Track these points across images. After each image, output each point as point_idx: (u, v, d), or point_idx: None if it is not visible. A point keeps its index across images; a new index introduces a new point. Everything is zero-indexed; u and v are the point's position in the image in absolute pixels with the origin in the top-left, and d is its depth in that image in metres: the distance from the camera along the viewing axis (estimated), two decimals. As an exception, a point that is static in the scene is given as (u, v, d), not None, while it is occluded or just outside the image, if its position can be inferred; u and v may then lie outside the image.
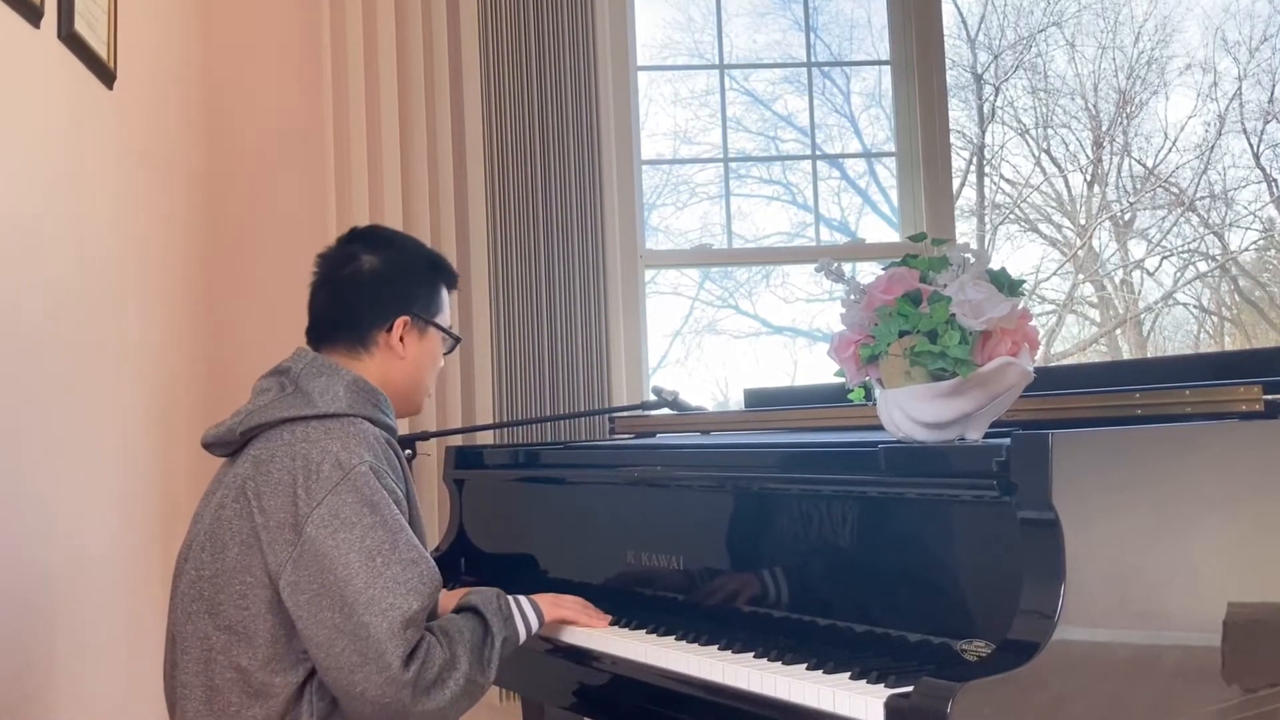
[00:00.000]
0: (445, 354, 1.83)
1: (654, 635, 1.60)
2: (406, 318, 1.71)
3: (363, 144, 2.91)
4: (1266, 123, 6.35)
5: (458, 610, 1.60)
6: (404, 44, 2.97)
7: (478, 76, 2.99)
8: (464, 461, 2.27)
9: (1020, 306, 1.38)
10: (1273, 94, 6.33)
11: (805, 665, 1.35)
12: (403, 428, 2.79)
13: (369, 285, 1.71)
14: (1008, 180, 6.65)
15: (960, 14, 6.43)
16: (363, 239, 1.76)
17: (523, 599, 1.65)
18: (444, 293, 1.81)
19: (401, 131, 2.94)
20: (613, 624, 1.70)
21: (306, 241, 2.19)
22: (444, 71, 2.97)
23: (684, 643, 1.54)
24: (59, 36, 2.03)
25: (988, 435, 1.39)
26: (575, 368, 2.98)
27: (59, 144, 2.05)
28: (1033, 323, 1.42)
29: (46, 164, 1.99)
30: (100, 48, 2.20)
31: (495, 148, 3.00)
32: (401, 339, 1.71)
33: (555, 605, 1.69)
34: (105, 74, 2.26)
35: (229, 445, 1.62)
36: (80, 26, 2.08)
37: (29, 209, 1.91)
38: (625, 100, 3.17)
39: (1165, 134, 6.45)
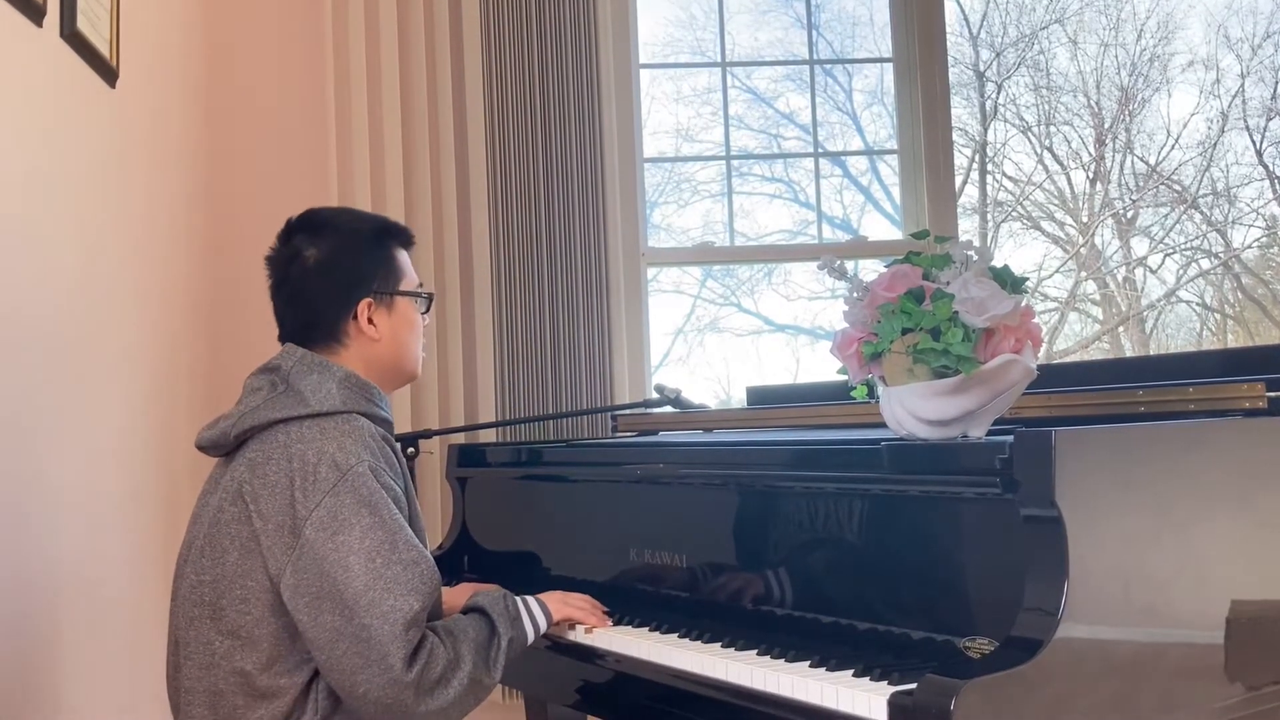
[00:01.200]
0: (424, 313, 1.74)
1: (657, 633, 1.60)
2: (368, 299, 1.65)
3: (365, 141, 2.91)
4: (1269, 120, 6.34)
5: (464, 611, 1.59)
6: (406, 42, 2.97)
7: (480, 74, 2.99)
8: (466, 460, 2.27)
9: (1023, 304, 1.38)
10: (1275, 91, 6.32)
11: (808, 663, 1.35)
12: (404, 426, 2.80)
13: (320, 278, 1.64)
14: (1010, 178, 6.64)
15: (962, 11, 6.42)
16: (302, 229, 1.67)
17: (530, 599, 1.63)
18: (400, 256, 1.71)
19: (404, 129, 2.94)
20: (615, 622, 1.70)
21: (309, 240, 2.19)
22: (446, 70, 2.97)
23: (687, 640, 1.54)
24: (61, 35, 2.03)
25: (991, 433, 1.39)
26: (577, 366, 2.98)
27: (61, 142, 2.06)
28: (1035, 320, 1.42)
29: (49, 162, 1.99)
30: (102, 46, 2.21)
31: (497, 146, 3.00)
32: (371, 320, 1.65)
33: (564, 604, 1.67)
34: (107, 72, 2.26)
35: (223, 447, 1.61)
36: (82, 25, 2.08)
37: (31, 207, 1.91)
38: (627, 98, 3.16)
39: (1168, 131, 6.45)
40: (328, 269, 1.65)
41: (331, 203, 2.87)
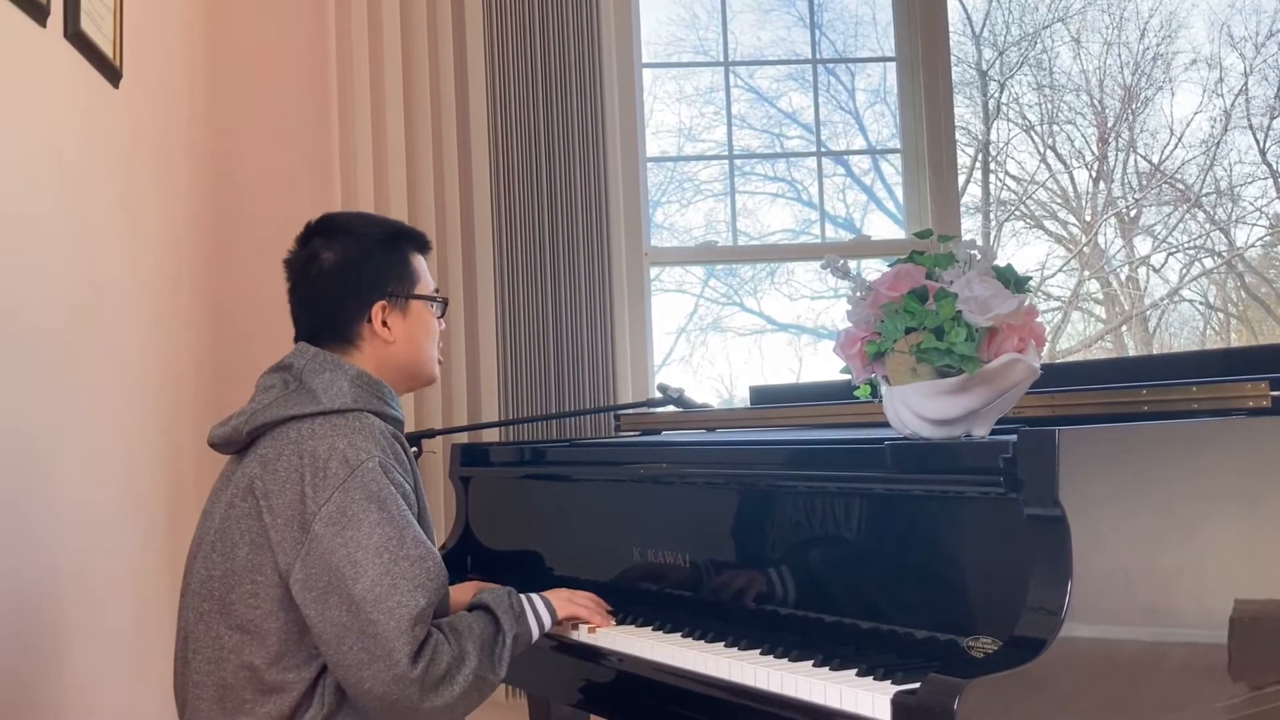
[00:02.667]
0: (440, 316, 1.76)
1: (660, 632, 1.60)
2: (382, 302, 1.67)
3: (368, 141, 2.91)
4: (1273, 118, 6.33)
5: (469, 609, 1.60)
6: (409, 42, 2.97)
7: (483, 74, 2.99)
8: (470, 459, 2.27)
9: (1026, 303, 1.38)
10: (1279, 89, 6.31)
11: (812, 662, 1.35)
12: (408, 425, 2.79)
13: (335, 281, 1.67)
14: (1013, 177, 6.63)
15: (965, 10, 6.42)
16: (319, 233, 1.70)
17: (535, 597, 1.64)
18: (416, 260, 1.74)
19: (407, 129, 2.94)
20: (619, 621, 1.70)
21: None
22: (449, 70, 2.97)
23: (690, 639, 1.54)
24: (65, 35, 2.03)
25: (994, 432, 1.39)
26: (580, 365, 2.98)
27: (65, 143, 2.06)
28: (1039, 319, 1.42)
29: (52, 163, 2.00)
30: (106, 46, 2.21)
31: (500, 146, 3.00)
32: (385, 323, 1.67)
33: (569, 602, 1.68)
34: (111, 72, 2.26)
35: (235, 444, 1.62)
36: (86, 25, 2.08)
37: (35, 208, 1.91)
38: (630, 97, 3.17)
39: (1171, 130, 6.44)
40: (343, 271, 1.67)
41: (335, 203, 2.88)
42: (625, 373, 3.00)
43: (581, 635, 1.68)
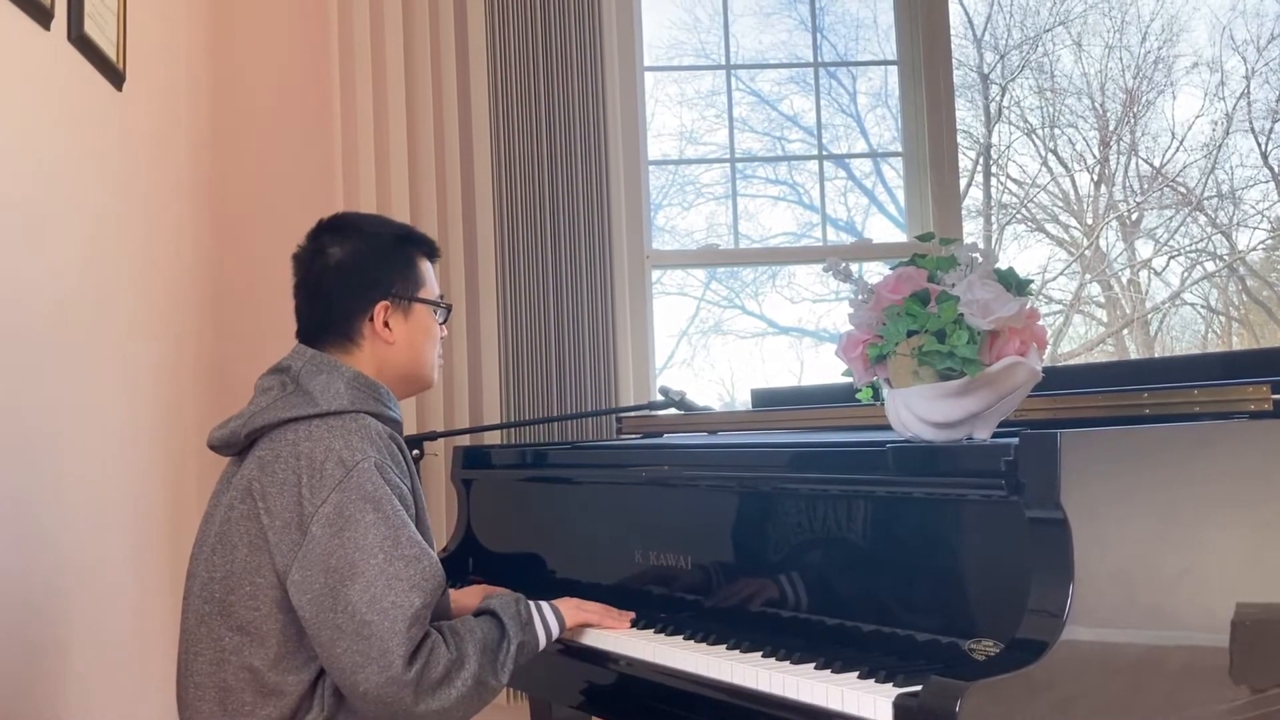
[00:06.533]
0: (442, 323, 1.77)
1: (662, 635, 1.60)
2: (385, 302, 1.67)
3: (370, 145, 2.91)
4: (1275, 122, 6.33)
5: (476, 614, 1.59)
6: (411, 45, 2.97)
7: (485, 77, 2.99)
8: (471, 461, 2.27)
9: (1028, 306, 1.38)
10: (1280, 93, 6.31)
11: (814, 664, 1.35)
12: (409, 427, 2.80)
13: (340, 277, 1.67)
14: (1014, 180, 6.64)
15: (966, 14, 6.42)
16: (329, 230, 1.71)
17: (545, 605, 1.63)
18: (422, 265, 1.75)
19: (409, 132, 2.95)
20: (620, 623, 1.70)
21: (315, 242, 2.19)
22: (451, 73, 2.98)
23: (692, 642, 1.54)
24: (69, 38, 2.04)
25: (996, 435, 1.39)
26: (582, 368, 2.98)
27: (68, 145, 2.06)
28: (1040, 322, 1.42)
29: (56, 164, 2.00)
30: (109, 49, 2.21)
31: (502, 149, 3.00)
32: (386, 324, 1.67)
33: (578, 610, 1.67)
34: (114, 75, 2.27)
35: (234, 446, 1.62)
36: (90, 28, 2.08)
37: (38, 210, 1.92)
38: (632, 101, 3.17)
39: (1172, 133, 6.44)
40: (348, 268, 1.68)
41: (337, 205, 2.88)
42: (627, 375, 3.00)
43: (583, 637, 1.68)
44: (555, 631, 1.62)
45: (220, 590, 1.54)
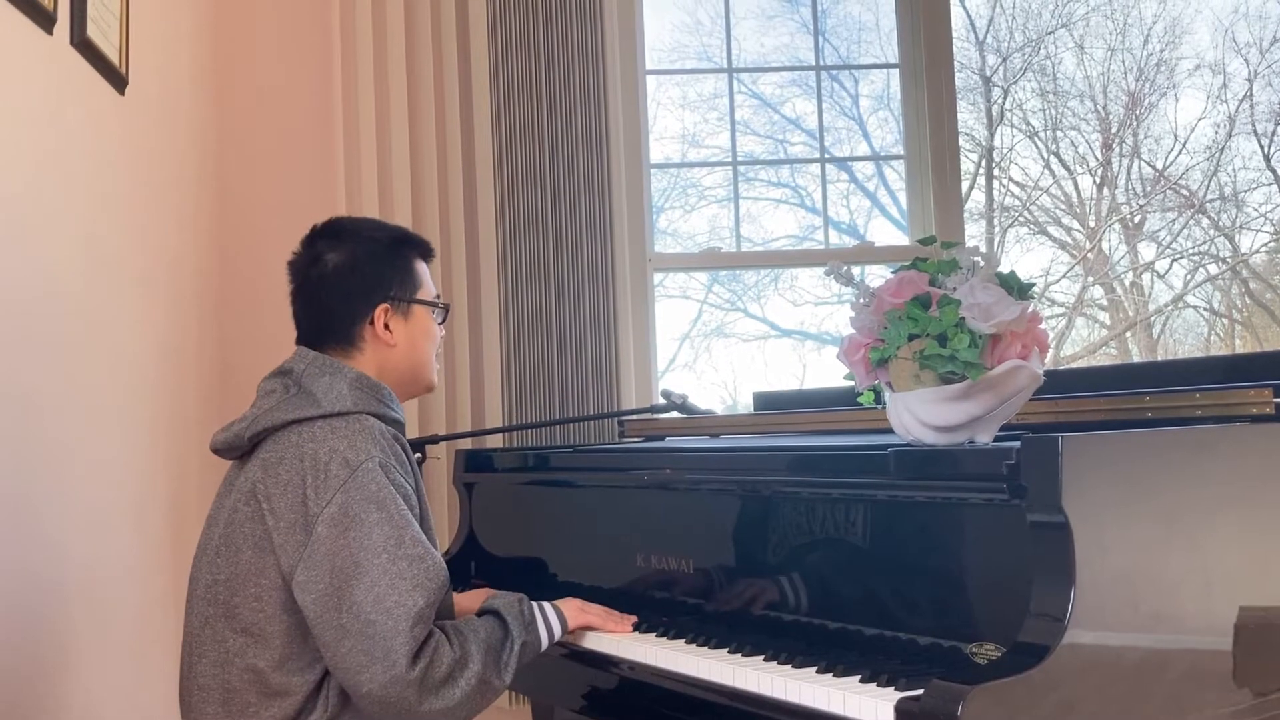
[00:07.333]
0: (441, 323, 1.78)
1: (664, 638, 1.60)
2: (385, 305, 1.68)
3: (373, 148, 2.92)
4: (1277, 124, 6.33)
5: (479, 614, 1.60)
6: (413, 49, 2.98)
7: (487, 81, 3.00)
8: (474, 465, 2.27)
9: (1030, 309, 1.38)
10: (1283, 95, 6.31)
11: (815, 668, 1.35)
12: (412, 431, 2.80)
13: (338, 282, 1.68)
14: (1017, 183, 6.64)
15: (969, 17, 6.42)
16: (325, 235, 1.71)
17: (547, 605, 1.64)
18: (419, 266, 1.75)
19: (411, 136, 2.95)
20: (622, 627, 1.70)
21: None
22: (454, 76, 2.98)
23: (694, 646, 1.54)
24: (72, 43, 2.04)
25: (998, 438, 1.39)
26: (584, 371, 2.99)
27: (71, 149, 2.07)
28: (1042, 326, 1.42)
29: (58, 169, 2.00)
30: (112, 53, 2.22)
31: (504, 152, 3.01)
32: (386, 326, 1.68)
33: (581, 611, 1.68)
34: (117, 79, 2.27)
35: (238, 449, 1.63)
36: (92, 33, 2.09)
37: (40, 214, 1.92)
38: (634, 104, 3.17)
39: (1175, 136, 6.44)
40: (346, 274, 1.68)
41: (339, 210, 2.88)
42: (629, 378, 3.00)
43: (585, 641, 1.68)
44: (558, 632, 1.63)
45: (225, 592, 1.54)
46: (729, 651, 1.48)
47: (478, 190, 2.98)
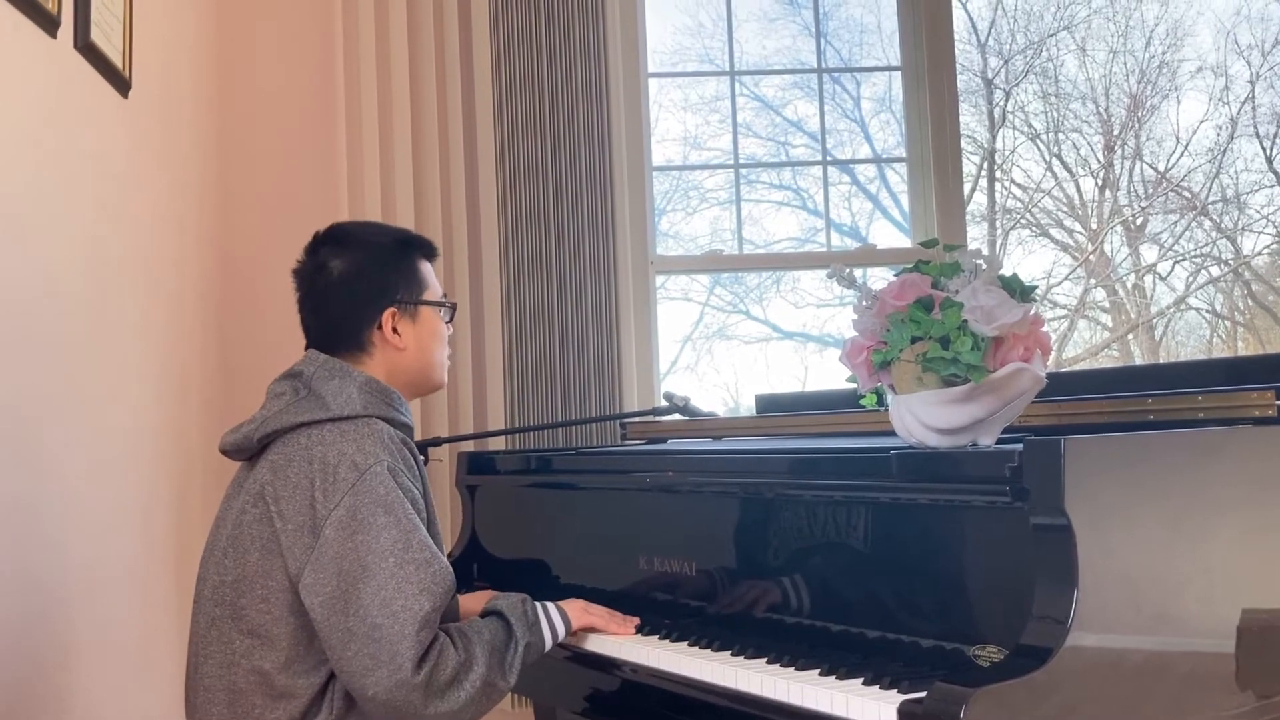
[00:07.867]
0: (448, 322, 1.78)
1: (667, 641, 1.60)
2: (392, 309, 1.68)
3: (375, 150, 2.92)
4: (1279, 126, 6.33)
5: (482, 615, 1.61)
6: (416, 51, 2.98)
7: (489, 83, 3.00)
8: (476, 467, 2.27)
9: (1032, 312, 1.38)
10: (1285, 97, 6.31)
11: (818, 671, 1.35)
12: (415, 433, 2.80)
13: (345, 289, 1.68)
14: (1019, 185, 6.64)
15: (970, 19, 6.43)
16: (327, 242, 1.71)
17: (550, 606, 1.64)
18: (423, 267, 1.75)
19: (414, 138, 2.96)
20: (625, 629, 1.70)
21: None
22: (456, 79, 2.99)
23: (697, 648, 1.54)
24: (75, 46, 2.04)
25: (1000, 441, 1.39)
26: (586, 373, 2.99)
27: (74, 152, 2.07)
28: (1045, 328, 1.42)
29: (62, 172, 2.01)
30: (116, 57, 2.22)
31: (507, 154, 3.01)
32: (395, 330, 1.68)
33: (584, 612, 1.68)
34: (121, 83, 2.27)
35: (247, 451, 1.63)
36: (96, 36, 2.09)
37: (43, 216, 1.92)
38: (636, 106, 3.18)
39: (1177, 138, 6.44)
40: (352, 279, 1.68)
41: (342, 213, 2.89)
42: (631, 381, 3.01)
43: (587, 643, 1.68)
44: (561, 632, 1.63)
45: (231, 594, 1.55)
46: (732, 654, 1.48)
47: (480, 193, 2.98)
